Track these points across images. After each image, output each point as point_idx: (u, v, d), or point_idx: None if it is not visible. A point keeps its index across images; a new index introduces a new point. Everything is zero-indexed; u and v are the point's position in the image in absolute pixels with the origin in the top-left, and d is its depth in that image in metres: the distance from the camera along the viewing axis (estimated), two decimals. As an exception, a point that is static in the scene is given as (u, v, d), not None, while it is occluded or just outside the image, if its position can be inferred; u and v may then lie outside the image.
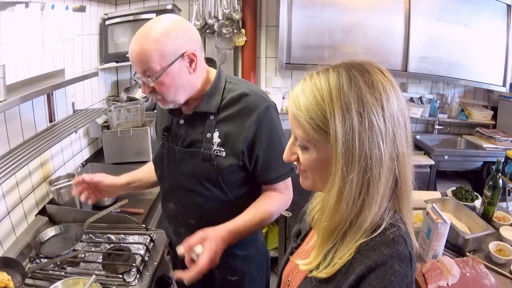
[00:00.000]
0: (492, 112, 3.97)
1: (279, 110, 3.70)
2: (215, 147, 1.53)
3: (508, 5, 3.51)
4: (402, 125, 0.86)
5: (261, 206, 1.60)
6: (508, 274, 1.78)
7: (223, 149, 1.52)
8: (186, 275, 1.33)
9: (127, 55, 3.16)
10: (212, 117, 1.53)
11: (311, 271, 0.93)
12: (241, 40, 3.63)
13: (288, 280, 1.09)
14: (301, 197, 1.23)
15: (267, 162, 1.56)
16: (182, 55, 1.43)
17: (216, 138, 1.52)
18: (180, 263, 1.85)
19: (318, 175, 0.92)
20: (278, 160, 1.56)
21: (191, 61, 1.46)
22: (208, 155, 1.52)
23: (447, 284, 1.67)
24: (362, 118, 0.81)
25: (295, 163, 0.96)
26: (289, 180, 1.65)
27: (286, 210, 2.59)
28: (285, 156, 0.97)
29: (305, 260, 0.96)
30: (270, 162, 1.56)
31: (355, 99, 0.82)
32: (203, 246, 1.38)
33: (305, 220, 1.16)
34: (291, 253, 1.15)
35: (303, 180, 0.97)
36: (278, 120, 1.60)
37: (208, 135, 1.53)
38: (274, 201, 1.62)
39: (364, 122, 0.81)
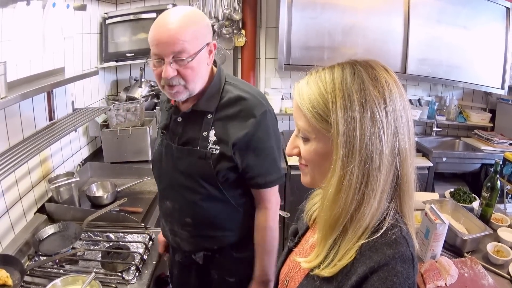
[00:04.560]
0: (490, 115, 3.99)
1: (277, 111, 3.72)
2: (210, 145, 1.53)
3: (507, 8, 3.52)
4: (405, 121, 0.86)
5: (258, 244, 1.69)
6: (506, 275, 1.78)
7: (218, 147, 1.52)
8: None
9: (127, 55, 3.23)
10: (209, 116, 1.53)
11: (313, 270, 0.92)
12: (241, 41, 3.64)
13: (286, 280, 1.08)
14: (298, 198, 1.23)
15: (258, 167, 1.56)
16: (207, 44, 1.45)
17: (212, 137, 1.53)
18: (176, 264, 1.86)
19: (318, 168, 0.93)
20: (268, 166, 1.58)
21: (210, 53, 1.48)
22: (204, 153, 1.53)
23: (445, 284, 1.68)
24: (364, 109, 0.82)
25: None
26: (276, 188, 1.66)
27: (284, 210, 2.60)
28: (287, 149, 0.98)
29: (307, 258, 0.95)
30: (261, 167, 1.57)
31: (358, 90, 0.83)
32: None
33: (302, 220, 1.16)
34: (289, 252, 1.16)
35: (303, 176, 0.98)
36: (274, 127, 1.60)
37: (205, 133, 1.53)
38: (264, 232, 1.67)
39: (365, 113, 0.82)
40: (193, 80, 1.45)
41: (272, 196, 1.65)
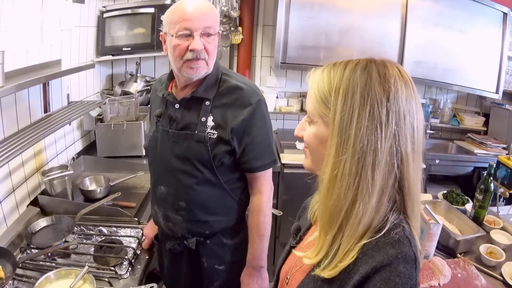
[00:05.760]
0: (484, 119, 4.02)
1: (272, 110, 3.76)
2: (208, 130, 1.61)
3: (504, 13, 3.55)
4: (408, 125, 0.85)
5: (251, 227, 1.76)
6: (498, 276, 1.80)
7: (215, 132, 1.61)
8: None
9: (123, 49, 3.21)
10: (207, 103, 1.62)
11: (313, 269, 0.92)
12: (237, 38, 3.63)
13: (287, 278, 1.08)
14: (292, 197, 1.23)
15: (254, 151, 1.65)
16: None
17: (210, 122, 1.61)
18: (167, 254, 1.86)
19: (315, 153, 0.95)
20: (263, 151, 1.68)
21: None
22: (202, 137, 1.60)
23: (439, 284, 1.69)
24: (364, 101, 0.83)
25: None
26: (269, 173, 1.75)
27: (277, 209, 2.60)
28: (296, 130, 1.00)
29: (306, 253, 0.95)
30: (256, 152, 1.66)
31: (363, 84, 0.84)
32: None
33: (305, 217, 1.15)
34: (290, 250, 1.15)
35: (304, 159, 1.01)
36: (267, 114, 1.70)
37: (203, 118, 1.61)
38: (258, 215, 1.74)
39: (365, 105, 0.83)
40: (214, 56, 1.59)
41: (266, 181, 1.74)
